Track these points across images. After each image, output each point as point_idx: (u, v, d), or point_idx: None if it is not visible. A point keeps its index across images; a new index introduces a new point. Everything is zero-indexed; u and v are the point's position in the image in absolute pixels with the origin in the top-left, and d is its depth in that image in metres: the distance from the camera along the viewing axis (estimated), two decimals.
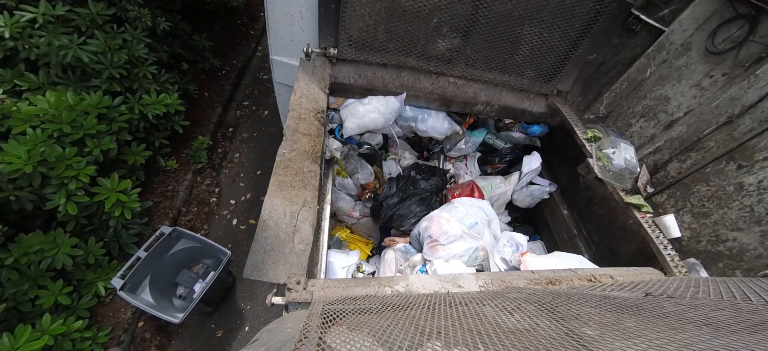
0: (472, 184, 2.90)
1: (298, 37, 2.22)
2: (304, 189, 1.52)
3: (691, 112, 2.00)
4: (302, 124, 1.80)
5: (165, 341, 2.78)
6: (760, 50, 1.72)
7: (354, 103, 2.36)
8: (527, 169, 2.85)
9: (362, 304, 1.05)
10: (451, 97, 2.51)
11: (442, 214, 2.28)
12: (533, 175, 2.90)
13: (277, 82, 2.63)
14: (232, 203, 3.72)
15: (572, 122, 2.44)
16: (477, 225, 2.20)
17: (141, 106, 2.84)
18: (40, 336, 1.96)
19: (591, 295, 1.22)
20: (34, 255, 2.11)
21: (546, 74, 2.51)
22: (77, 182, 2.18)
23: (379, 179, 2.92)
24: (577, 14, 2.10)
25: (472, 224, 2.18)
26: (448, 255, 2.07)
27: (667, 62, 2.10)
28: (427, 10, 1.98)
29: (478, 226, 2.20)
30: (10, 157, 1.94)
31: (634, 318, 0.93)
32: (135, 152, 2.87)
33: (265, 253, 1.30)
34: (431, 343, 0.73)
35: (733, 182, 1.75)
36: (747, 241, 1.68)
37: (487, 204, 2.48)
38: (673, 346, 0.72)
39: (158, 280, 2.56)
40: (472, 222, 2.19)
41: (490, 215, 2.38)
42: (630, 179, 2.11)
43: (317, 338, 0.75)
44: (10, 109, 2.12)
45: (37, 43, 2.26)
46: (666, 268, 1.83)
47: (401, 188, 2.73)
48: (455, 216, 2.22)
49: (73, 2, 2.46)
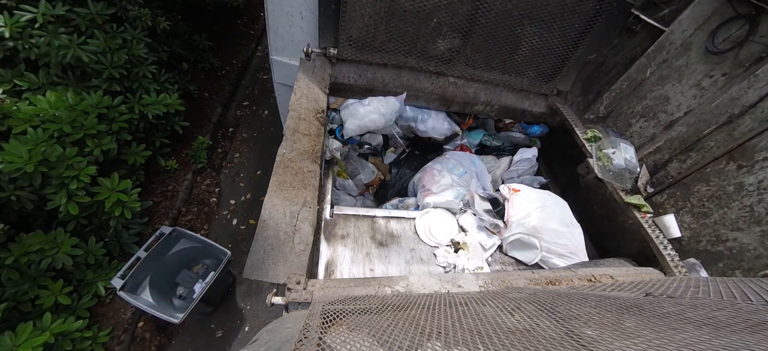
0: (462, 146, 3.03)
1: (298, 37, 2.22)
2: (304, 189, 1.52)
3: (691, 112, 2.00)
4: (302, 124, 1.80)
5: (165, 341, 2.78)
6: (760, 50, 1.72)
7: (354, 104, 2.36)
8: (519, 158, 2.83)
9: (362, 304, 1.05)
10: (451, 97, 2.51)
11: (434, 165, 2.48)
12: (525, 165, 2.86)
13: (277, 82, 2.63)
14: (232, 203, 3.73)
15: (572, 122, 2.44)
16: (466, 174, 2.40)
17: (141, 106, 2.84)
18: (40, 334, 1.96)
19: (591, 295, 1.22)
20: (34, 255, 2.11)
21: (546, 74, 2.51)
22: (78, 182, 2.18)
23: (382, 171, 2.93)
24: (577, 14, 2.10)
25: (462, 173, 2.39)
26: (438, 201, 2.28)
27: (667, 62, 2.10)
28: (427, 10, 1.98)
29: (466, 176, 2.40)
30: (11, 157, 1.94)
31: (634, 318, 0.93)
32: (135, 152, 2.87)
33: (265, 253, 1.30)
34: (431, 343, 0.73)
35: (733, 182, 1.75)
36: (747, 241, 1.68)
37: (478, 158, 2.65)
38: (672, 346, 0.72)
39: (158, 280, 2.57)
40: (461, 171, 2.40)
41: (480, 167, 2.55)
42: (630, 179, 2.10)
43: (317, 338, 0.75)
44: (11, 109, 2.12)
45: (37, 43, 2.26)
46: (666, 268, 1.83)
47: (405, 164, 2.85)
48: (446, 166, 2.43)
49: (73, 2, 2.46)
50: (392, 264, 1.88)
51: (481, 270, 1.91)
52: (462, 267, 1.88)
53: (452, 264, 1.90)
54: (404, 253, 1.94)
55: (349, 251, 1.87)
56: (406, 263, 1.90)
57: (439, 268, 1.91)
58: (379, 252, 1.91)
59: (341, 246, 1.89)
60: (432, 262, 1.94)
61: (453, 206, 2.21)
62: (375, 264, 1.86)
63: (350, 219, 2.03)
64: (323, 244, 1.87)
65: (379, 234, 2.01)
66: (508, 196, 2.07)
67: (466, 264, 1.89)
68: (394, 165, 2.87)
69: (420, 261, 1.94)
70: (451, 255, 1.95)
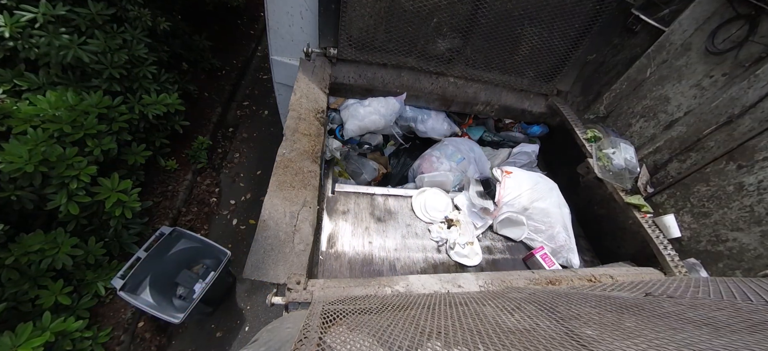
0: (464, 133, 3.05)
1: (298, 37, 2.22)
2: (304, 189, 1.52)
3: (691, 112, 2.00)
4: (302, 124, 1.81)
5: (165, 341, 2.78)
6: (760, 50, 1.72)
7: (355, 105, 2.36)
8: (518, 151, 2.85)
9: (362, 304, 1.05)
10: (451, 97, 2.51)
11: (433, 152, 2.52)
12: (524, 158, 2.87)
13: (277, 82, 2.63)
14: (232, 203, 3.72)
15: (572, 122, 2.44)
16: (463, 161, 2.45)
17: (141, 106, 2.84)
18: (40, 334, 1.96)
19: (591, 295, 1.22)
20: (34, 255, 2.11)
21: (546, 74, 2.51)
22: (78, 182, 2.18)
23: (383, 164, 2.93)
24: (577, 14, 2.10)
25: (459, 160, 2.44)
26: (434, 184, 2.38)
27: (667, 62, 2.10)
28: (427, 10, 1.98)
29: (464, 162, 2.45)
30: (11, 157, 1.94)
31: (634, 318, 0.93)
32: (135, 152, 2.87)
33: (265, 253, 1.30)
34: (431, 343, 0.73)
35: (733, 182, 1.75)
36: (747, 241, 1.68)
37: (477, 145, 2.68)
38: (672, 346, 0.72)
39: (158, 281, 2.56)
40: (459, 158, 2.44)
41: (478, 153, 2.58)
42: (630, 179, 2.11)
43: (317, 338, 0.75)
44: (11, 108, 2.12)
45: (37, 43, 2.26)
46: (666, 268, 1.83)
47: (405, 153, 2.90)
48: (445, 153, 2.47)
49: (73, 2, 2.46)
50: (389, 238, 1.98)
51: (472, 245, 2.01)
52: (453, 241, 1.99)
53: (445, 239, 2.01)
54: (401, 229, 2.05)
55: (349, 225, 1.97)
56: (402, 238, 2.00)
57: (432, 242, 2.02)
58: (377, 226, 2.02)
59: (342, 221, 1.99)
60: (426, 237, 2.05)
61: (447, 184, 2.35)
62: (373, 237, 1.95)
63: (351, 196, 2.13)
64: (326, 219, 1.97)
65: (378, 210, 2.11)
66: (501, 179, 2.15)
67: (457, 238, 2.01)
68: (394, 155, 2.87)
69: (415, 236, 2.04)
70: (444, 230, 2.06)
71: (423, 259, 1.93)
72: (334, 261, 1.79)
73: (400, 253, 1.92)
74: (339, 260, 1.80)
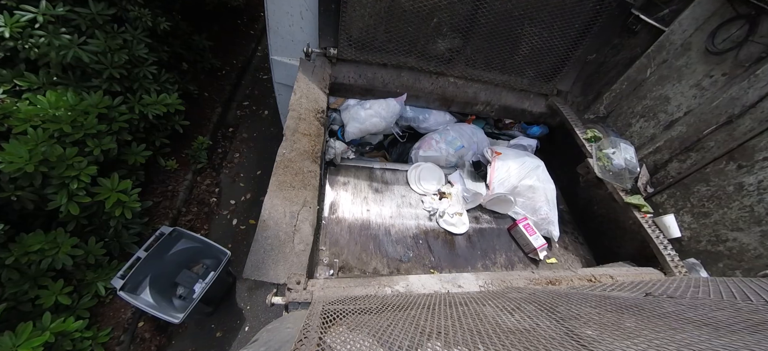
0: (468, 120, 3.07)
1: (298, 37, 2.22)
2: (304, 189, 1.52)
3: (691, 112, 2.00)
4: (302, 124, 1.81)
5: (165, 341, 2.78)
6: (760, 50, 1.72)
7: (356, 107, 2.36)
8: (515, 143, 2.85)
9: (362, 304, 1.05)
10: (451, 97, 2.51)
11: (433, 135, 2.56)
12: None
13: (277, 82, 2.63)
14: (232, 203, 3.72)
15: (572, 122, 2.44)
16: (463, 148, 2.49)
17: (141, 106, 2.84)
18: (40, 334, 1.96)
19: (591, 295, 1.22)
20: (34, 255, 2.11)
21: (546, 74, 2.51)
22: (78, 182, 2.18)
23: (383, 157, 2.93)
24: (577, 14, 2.10)
25: (459, 147, 2.50)
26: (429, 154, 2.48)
27: (667, 62, 2.10)
28: (427, 10, 1.98)
29: (463, 150, 2.49)
30: (11, 157, 1.94)
31: (634, 318, 0.93)
32: (135, 152, 2.87)
33: (265, 253, 1.30)
34: (431, 343, 0.73)
35: (733, 182, 1.75)
36: (747, 241, 1.68)
37: (481, 131, 2.72)
38: (672, 346, 0.72)
39: (158, 280, 2.56)
40: (459, 145, 2.51)
41: (480, 138, 2.63)
42: (630, 179, 2.11)
43: (317, 338, 0.75)
44: (11, 109, 2.12)
45: (37, 43, 2.26)
46: (666, 268, 1.83)
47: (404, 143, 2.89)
48: (445, 138, 2.52)
49: (73, 2, 2.46)
50: (385, 206, 2.17)
51: (461, 215, 2.19)
52: (443, 210, 2.17)
53: (436, 209, 2.20)
54: (396, 199, 2.24)
55: (349, 195, 2.17)
56: (397, 207, 2.20)
57: (424, 212, 2.21)
58: (374, 196, 2.21)
59: (343, 191, 2.19)
60: (419, 207, 2.24)
61: (441, 161, 2.48)
62: (371, 206, 2.15)
63: (351, 169, 2.34)
64: (328, 189, 2.17)
65: (376, 182, 2.31)
66: (491, 160, 2.29)
67: (447, 209, 2.18)
68: (392, 144, 2.86)
69: (409, 205, 2.23)
70: (436, 202, 2.25)
71: (415, 226, 2.12)
72: (336, 225, 1.98)
73: (395, 220, 2.11)
74: (340, 225, 1.99)
